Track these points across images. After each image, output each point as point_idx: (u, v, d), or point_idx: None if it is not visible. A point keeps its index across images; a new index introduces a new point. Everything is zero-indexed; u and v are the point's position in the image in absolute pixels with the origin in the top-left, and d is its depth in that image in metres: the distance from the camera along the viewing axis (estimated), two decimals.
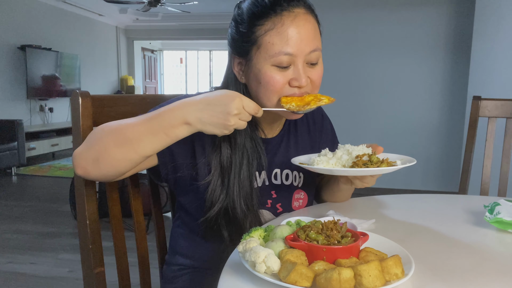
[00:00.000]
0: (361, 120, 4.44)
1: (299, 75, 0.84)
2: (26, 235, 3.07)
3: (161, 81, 11.58)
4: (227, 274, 0.67)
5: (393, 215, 1.01)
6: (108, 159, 0.76)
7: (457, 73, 4.21)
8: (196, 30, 9.08)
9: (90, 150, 0.77)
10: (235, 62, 0.91)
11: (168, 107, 0.76)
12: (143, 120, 0.77)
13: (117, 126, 0.78)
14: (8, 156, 4.92)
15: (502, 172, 1.48)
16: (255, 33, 0.84)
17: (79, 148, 0.79)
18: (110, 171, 0.78)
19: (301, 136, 1.05)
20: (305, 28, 0.83)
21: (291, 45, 0.82)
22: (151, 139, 0.76)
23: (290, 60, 0.83)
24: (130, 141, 0.76)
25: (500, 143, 1.54)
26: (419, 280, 0.64)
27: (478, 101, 1.54)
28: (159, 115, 0.76)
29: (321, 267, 0.60)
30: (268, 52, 0.83)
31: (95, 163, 0.77)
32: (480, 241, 0.84)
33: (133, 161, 0.78)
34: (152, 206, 1.09)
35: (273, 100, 0.87)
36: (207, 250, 0.99)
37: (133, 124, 0.77)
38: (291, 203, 1.03)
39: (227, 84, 0.94)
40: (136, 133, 0.75)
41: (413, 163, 0.83)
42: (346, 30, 4.34)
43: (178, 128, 0.75)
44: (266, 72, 0.84)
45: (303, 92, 0.86)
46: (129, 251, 0.99)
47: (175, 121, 0.75)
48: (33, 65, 6.02)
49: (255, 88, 0.88)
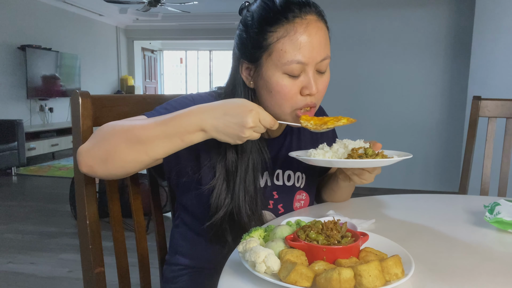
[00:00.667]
0: (361, 120, 4.44)
1: (309, 84, 0.83)
2: (26, 235, 3.07)
3: (161, 81, 11.58)
4: (227, 274, 0.67)
5: (393, 215, 1.01)
6: (118, 159, 0.75)
7: (457, 73, 4.21)
8: (196, 30, 9.08)
9: (98, 148, 0.75)
10: (243, 67, 0.89)
11: (185, 112, 0.74)
12: (158, 123, 0.75)
13: (129, 126, 0.76)
14: (8, 156, 4.92)
15: (502, 172, 1.48)
16: (267, 40, 0.82)
17: (86, 144, 0.77)
18: (118, 171, 0.77)
19: (303, 137, 1.05)
20: (317, 36, 0.82)
21: (303, 54, 0.81)
22: (165, 143, 0.74)
23: (301, 68, 0.82)
24: (142, 143, 0.74)
25: (500, 143, 1.54)
26: (419, 280, 0.64)
27: (478, 101, 1.54)
28: (175, 119, 0.74)
29: (321, 267, 0.60)
30: (281, 60, 0.81)
31: (103, 162, 0.75)
32: (480, 241, 0.84)
33: (143, 163, 0.77)
34: (152, 206, 1.10)
35: (286, 110, 0.86)
36: (207, 250, 0.98)
37: (146, 126, 0.75)
38: (293, 204, 1.02)
39: (234, 87, 0.92)
40: (149, 135, 0.74)
41: (409, 157, 0.83)
42: (346, 30, 4.34)
43: (193, 134, 0.74)
44: (278, 80, 0.83)
45: (314, 101, 0.86)
46: (129, 251, 0.99)
47: (191, 127, 0.73)
48: (33, 65, 6.02)
49: (266, 96, 0.87)
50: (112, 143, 0.75)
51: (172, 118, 0.74)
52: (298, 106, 0.85)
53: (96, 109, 0.90)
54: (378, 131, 4.41)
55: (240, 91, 0.91)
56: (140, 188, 1.05)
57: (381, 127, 4.42)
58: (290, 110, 0.86)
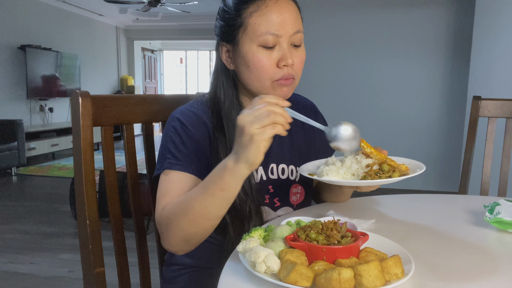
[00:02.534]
0: (361, 120, 4.44)
1: (285, 55, 0.87)
2: (26, 235, 3.07)
3: (161, 81, 11.58)
4: (227, 274, 0.67)
5: (393, 215, 1.01)
6: (194, 237, 0.83)
7: (457, 73, 4.21)
8: (196, 30, 9.08)
9: (175, 238, 0.83)
10: (223, 50, 0.94)
11: (219, 173, 0.75)
12: (206, 194, 0.77)
13: (187, 207, 0.80)
14: (8, 156, 4.92)
15: (502, 172, 1.48)
16: (241, 16, 0.88)
17: (164, 236, 0.84)
18: (200, 240, 0.85)
19: (295, 131, 1.06)
20: (287, 10, 0.88)
21: (275, 25, 0.86)
22: (221, 204, 0.78)
23: (275, 40, 0.87)
24: (200, 215, 0.79)
25: (500, 143, 1.54)
26: (419, 280, 0.64)
27: (478, 101, 1.54)
28: (216, 186, 0.76)
29: (321, 267, 0.60)
30: (255, 32, 0.87)
31: (185, 245, 0.85)
32: (480, 241, 0.84)
33: (214, 225, 0.82)
34: (152, 206, 1.09)
35: (265, 83, 0.89)
36: (207, 249, 0.99)
37: (194, 198, 0.79)
38: (289, 197, 1.03)
39: (216, 74, 0.97)
40: (201, 205, 0.78)
41: (423, 170, 0.82)
42: (346, 30, 4.34)
43: (230, 179, 0.75)
44: (254, 53, 0.87)
45: (291, 73, 0.89)
46: (129, 251, 0.99)
47: (233, 182, 0.75)
48: (33, 65, 6.02)
49: (245, 72, 0.91)
50: (181, 227, 0.81)
51: (208, 180, 0.78)
52: (276, 77, 0.89)
53: (96, 109, 0.90)
54: (378, 131, 4.41)
55: (221, 74, 0.96)
56: (140, 188, 1.05)
57: (381, 127, 4.42)
58: (269, 82, 0.89)
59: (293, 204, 1.05)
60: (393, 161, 0.83)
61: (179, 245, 0.84)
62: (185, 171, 0.88)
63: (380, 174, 0.80)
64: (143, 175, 2.14)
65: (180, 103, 0.99)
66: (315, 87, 4.33)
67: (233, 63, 0.93)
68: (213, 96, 0.97)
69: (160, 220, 0.85)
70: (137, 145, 1.04)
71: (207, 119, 0.94)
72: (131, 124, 1.02)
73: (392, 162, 0.82)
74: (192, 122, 0.92)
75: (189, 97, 1.10)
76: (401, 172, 0.81)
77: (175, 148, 0.89)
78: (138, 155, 1.07)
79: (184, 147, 0.89)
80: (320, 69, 4.36)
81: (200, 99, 0.98)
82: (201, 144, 0.91)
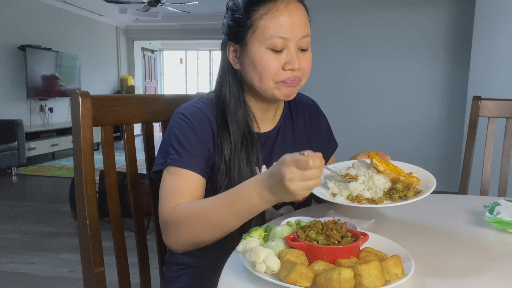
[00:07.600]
0: (361, 120, 4.44)
1: (292, 58, 0.88)
2: (26, 235, 3.07)
3: (161, 81, 11.57)
4: (227, 274, 0.67)
5: (393, 215, 1.01)
6: (203, 242, 0.86)
7: (457, 73, 4.21)
8: (196, 30, 9.08)
9: (184, 239, 0.85)
10: (230, 49, 0.95)
11: (243, 191, 0.79)
12: (225, 204, 0.81)
13: (202, 212, 0.83)
14: (8, 156, 4.92)
15: (502, 172, 1.48)
16: (251, 18, 0.89)
17: (171, 235, 0.86)
18: (208, 244, 0.87)
19: (297, 130, 1.07)
20: (297, 14, 0.88)
21: (284, 29, 0.87)
22: (237, 220, 0.82)
23: (284, 44, 0.88)
24: (219, 226, 0.82)
25: (500, 143, 1.54)
26: (419, 280, 0.64)
27: (478, 101, 1.54)
28: (238, 199, 0.79)
29: (321, 267, 0.60)
30: (264, 35, 0.87)
31: (191, 247, 0.87)
32: (480, 241, 0.84)
33: (223, 236, 0.85)
34: (152, 206, 1.09)
35: (269, 84, 0.90)
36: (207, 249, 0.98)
37: (216, 210, 0.81)
38: None
39: (223, 72, 0.97)
40: (222, 218, 0.81)
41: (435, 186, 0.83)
42: (346, 30, 4.34)
43: (261, 206, 0.79)
44: (262, 55, 0.88)
45: (298, 76, 0.90)
46: (129, 251, 1.00)
47: (256, 202, 0.78)
48: (33, 65, 6.02)
49: (250, 73, 0.91)
50: (194, 232, 0.84)
51: (236, 199, 0.80)
52: (280, 79, 0.90)
53: (96, 109, 0.90)
54: (378, 131, 4.41)
55: (227, 74, 0.96)
56: (140, 188, 1.05)
57: (381, 127, 4.41)
58: (272, 83, 0.90)
59: (294, 203, 1.06)
60: (405, 176, 0.84)
61: (186, 247, 0.87)
62: (191, 169, 0.88)
63: (393, 193, 0.81)
64: (143, 175, 2.14)
65: (180, 103, 0.99)
66: (315, 87, 4.33)
67: (239, 63, 0.94)
68: (218, 94, 0.97)
69: (168, 220, 0.85)
70: (137, 145, 1.04)
71: (211, 116, 0.94)
72: (131, 124, 1.02)
73: (405, 176, 0.84)
74: (197, 119, 0.92)
75: (189, 97, 1.10)
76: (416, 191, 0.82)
77: (179, 144, 0.89)
78: (138, 155, 1.07)
79: (188, 144, 0.89)
80: (320, 69, 4.36)
81: (205, 97, 0.98)
82: (205, 141, 0.92)
